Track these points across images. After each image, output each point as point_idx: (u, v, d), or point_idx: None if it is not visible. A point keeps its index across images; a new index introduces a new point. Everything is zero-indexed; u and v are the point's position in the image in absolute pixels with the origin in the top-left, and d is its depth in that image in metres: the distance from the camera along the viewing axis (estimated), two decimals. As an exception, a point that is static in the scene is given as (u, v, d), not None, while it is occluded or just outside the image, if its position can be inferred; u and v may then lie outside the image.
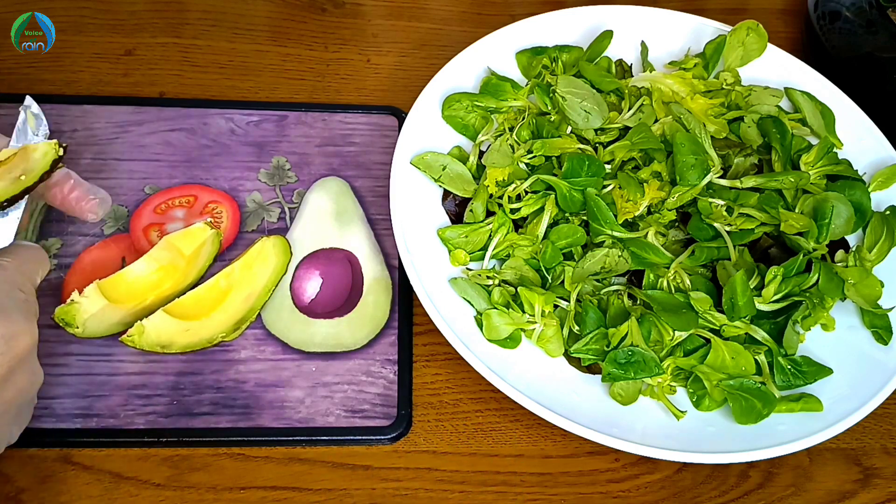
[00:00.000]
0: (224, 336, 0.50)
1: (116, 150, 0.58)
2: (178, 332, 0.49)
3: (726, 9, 0.75)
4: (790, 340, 0.49)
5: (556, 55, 0.61)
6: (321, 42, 0.69)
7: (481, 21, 0.72)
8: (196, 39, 0.67)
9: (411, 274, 0.50)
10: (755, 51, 0.62)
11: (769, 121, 0.56)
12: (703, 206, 0.52)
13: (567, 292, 0.51)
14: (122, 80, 0.63)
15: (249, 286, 0.52)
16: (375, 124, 0.63)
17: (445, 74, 0.59)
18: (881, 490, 0.51)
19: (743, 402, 0.48)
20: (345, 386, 0.51)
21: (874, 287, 0.52)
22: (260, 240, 0.53)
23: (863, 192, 0.55)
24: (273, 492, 0.47)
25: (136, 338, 0.48)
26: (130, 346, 0.48)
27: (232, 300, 0.51)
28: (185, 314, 0.50)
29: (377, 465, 0.49)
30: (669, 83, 0.58)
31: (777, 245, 0.53)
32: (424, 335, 0.54)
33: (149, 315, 0.48)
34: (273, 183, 0.59)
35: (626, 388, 0.49)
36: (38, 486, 0.46)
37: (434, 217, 0.55)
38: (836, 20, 0.67)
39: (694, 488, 0.50)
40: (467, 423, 0.51)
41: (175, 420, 0.49)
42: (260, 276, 0.52)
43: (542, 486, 0.49)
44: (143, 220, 0.55)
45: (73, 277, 0.53)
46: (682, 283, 0.51)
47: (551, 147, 0.54)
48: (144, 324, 0.48)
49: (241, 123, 0.61)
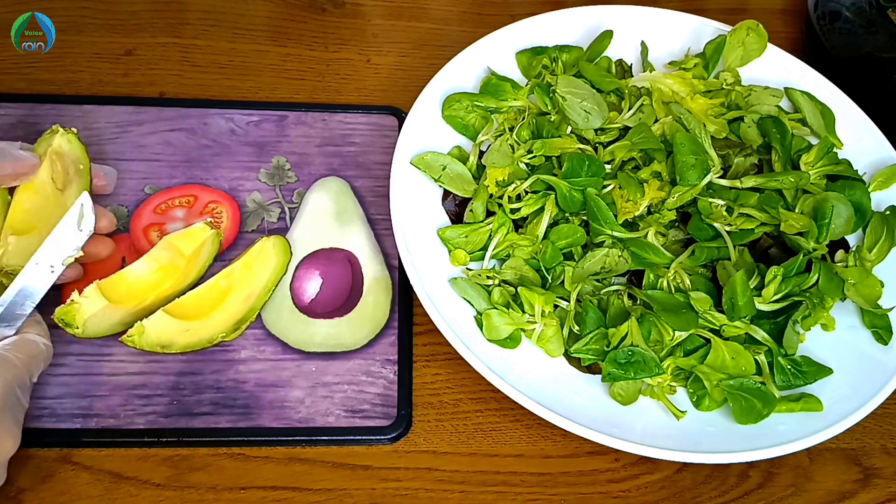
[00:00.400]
0: (224, 336, 0.50)
1: (116, 150, 0.58)
2: (178, 332, 0.49)
3: (726, 9, 0.75)
4: (790, 340, 0.49)
5: (556, 55, 0.61)
6: (321, 42, 0.69)
7: (481, 21, 0.72)
8: (196, 39, 0.67)
9: (411, 274, 0.50)
10: (755, 51, 0.62)
11: (769, 121, 0.56)
12: (703, 206, 0.52)
13: (567, 292, 0.51)
14: (122, 80, 0.63)
15: (249, 286, 0.52)
16: (375, 124, 0.63)
17: (445, 74, 0.59)
18: (881, 490, 0.51)
19: (743, 402, 0.48)
20: (345, 386, 0.51)
21: (874, 287, 0.52)
22: (260, 240, 0.53)
23: (863, 192, 0.55)
24: (273, 492, 0.47)
25: (136, 338, 0.48)
26: (130, 346, 0.48)
27: (232, 300, 0.51)
28: (185, 314, 0.50)
29: (377, 465, 0.49)
30: (669, 83, 0.58)
31: (777, 245, 0.53)
32: (424, 335, 0.54)
33: (149, 315, 0.49)
34: (273, 183, 0.59)
35: (626, 388, 0.49)
36: (38, 486, 0.46)
37: (434, 217, 0.55)
38: (836, 20, 0.67)
39: (694, 488, 0.50)
40: (467, 423, 0.51)
41: (175, 420, 0.49)
42: (260, 276, 0.52)
43: (542, 486, 0.49)
44: (143, 220, 0.55)
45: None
46: (682, 283, 0.51)
47: (551, 147, 0.54)
48: (144, 324, 0.48)
49: (241, 123, 0.61)
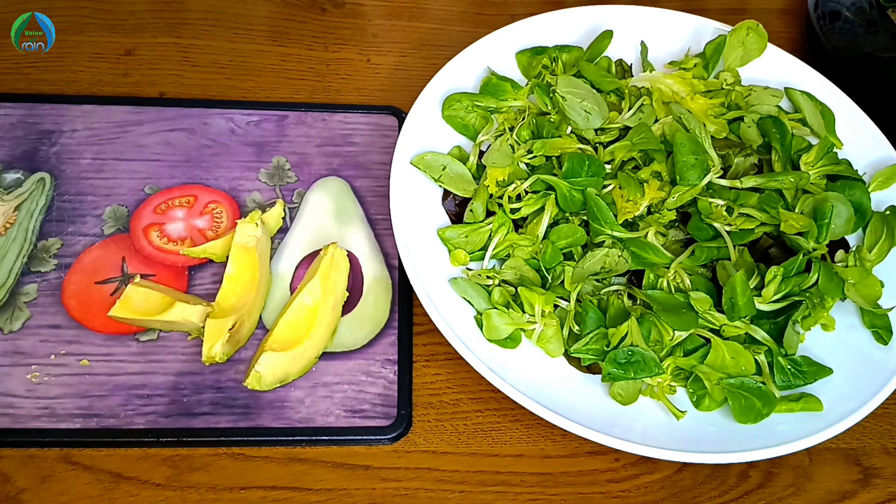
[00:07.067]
0: (325, 347, 0.51)
1: (116, 150, 0.58)
2: (288, 363, 0.50)
3: (726, 9, 0.75)
4: (790, 340, 0.49)
5: (556, 55, 0.61)
6: (321, 42, 0.69)
7: (481, 21, 0.72)
8: (196, 39, 0.67)
9: (411, 274, 0.50)
10: (755, 51, 0.62)
11: (769, 121, 0.56)
12: (703, 206, 0.52)
13: (567, 292, 0.51)
14: (122, 80, 0.63)
15: (333, 295, 0.52)
16: (375, 124, 0.63)
17: (445, 74, 0.59)
18: (881, 490, 0.51)
19: (743, 400, 0.48)
20: (345, 386, 0.51)
21: (874, 287, 0.52)
22: (324, 249, 0.54)
23: (863, 192, 0.55)
24: (273, 492, 0.47)
25: (257, 385, 0.49)
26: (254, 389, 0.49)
27: (322, 314, 0.52)
28: (286, 344, 0.50)
29: (377, 465, 0.49)
30: (669, 83, 0.58)
31: (777, 245, 0.53)
32: (424, 335, 0.54)
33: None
34: (273, 183, 0.59)
35: (626, 387, 0.49)
36: (38, 486, 0.46)
37: (434, 217, 0.55)
38: (836, 20, 0.67)
39: (694, 488, 0.50)
40: (467, 423, 0.51)
41: (175, 420, 0.49)
42: (339, 283, 0.53)
43: (542, 486, 0.49)
44: (143, 220, 0.55)
45: (73, 277, 0.53)
46: (682, 283, 0.51)
47: (551, 147, 0.54)
48: (259, 370, 0.49)
49: (241, 123, 0.61)
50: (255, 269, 0.52)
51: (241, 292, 0.52)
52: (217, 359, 0.49)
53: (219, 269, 0.53)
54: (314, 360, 0.51)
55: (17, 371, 0.49)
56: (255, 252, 0.53)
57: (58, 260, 0.53)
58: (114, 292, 0.52)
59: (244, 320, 0.51)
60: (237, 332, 0.50)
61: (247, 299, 0.51)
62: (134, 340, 0.51)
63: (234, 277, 0.52)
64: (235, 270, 0.52)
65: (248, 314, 0.51)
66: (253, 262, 0.53)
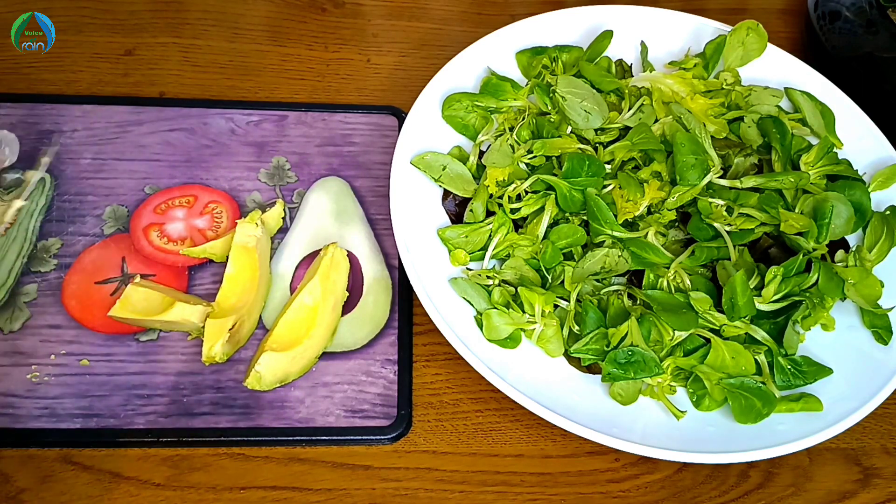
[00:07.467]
0: (325, 347, 0.51)
1: (116, 150, 0.58)
2: (288, 363, 0.50)
3: (726, 9, 0.75)
4: (790, 340, 0.49)
5: (556, 55, 0.61)
6: (321, 42, 0.69)
7: (481, 21, 0.72)
8: (196, 39, 0.67)
9: (411, 274, 0.50)
10: (755, 51, 0.62)
11: (769, 121, 0.56)
12: (703, 206, 0.52)
13: (567, 292, 0.51)
14: (122, 80, 0.63)
15: (333, 295, 0.53)
16: (375, 124, 0.63)
17: (445, 74, 0.59)
18: (881, 490, 0.51)
19: (743, 400, 0.48)
20: (345, 386, 0.51)
21: (874, 287, 0.52)
22: (324, 249, 0.54)
23: (863, 192, 0.55)
24: (273, 492, 0.47)
25: (257, 385, 0.49)
26: (254, 389, 0.49)
27: (322, 314, 0.52)
28: (286, 344, 0.50)
29: (377, 465, 0.49)
30: (669, 83, 0.58)
31: (777, 245, 0.53)
32: (424, 335, 0.54)
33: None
34: (273, 183, 0.59)
35: (626, 387, 0.49)
36: (38, 486, 0.46)
37: (434, 217, 0.55)
38: (836, 20, 0.67)
39: (694, 488, 0.50)
40: (467, 423, 0.51)
41: (175, 420, 0.49)
42: (339, 282, 0.53)
43: (542, 486, 0.49)
44: (143, 220, 0.55)
45: (73, 277, 0.53)
46: (682, 283, 0.51)
47: (551, 147, 0.54)
48: (258, 370, 0.49)
49: (241, 123, 0.61)
50: (255, 269, 0.52)
51: (241, 292, 0.52)
52: (217, 359, 0.49)
53: (219, 269, 0.53)
54: (314, 360, 0.51)
55: (17, 371, 0.49)
56: (255, 252, 0.53)
57: (58, 260, 0.53)
58: (114, 292, 0.52)
59: (244, 320, 0.51)
60: (237, 332, 0.50)
61: (247, 299, 0.51)
62: (134, 340, 0.51)
63: (234, 277, 0.52)
64: (235, 270, 0.52)
65: (248, 314, 0.51)
66: (253, 262, 0.52)
